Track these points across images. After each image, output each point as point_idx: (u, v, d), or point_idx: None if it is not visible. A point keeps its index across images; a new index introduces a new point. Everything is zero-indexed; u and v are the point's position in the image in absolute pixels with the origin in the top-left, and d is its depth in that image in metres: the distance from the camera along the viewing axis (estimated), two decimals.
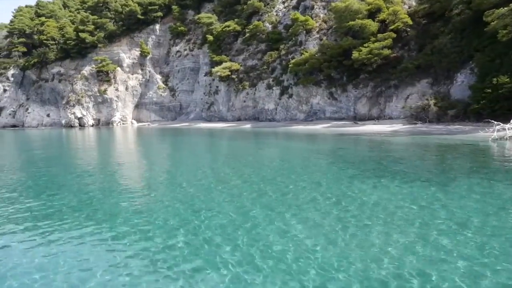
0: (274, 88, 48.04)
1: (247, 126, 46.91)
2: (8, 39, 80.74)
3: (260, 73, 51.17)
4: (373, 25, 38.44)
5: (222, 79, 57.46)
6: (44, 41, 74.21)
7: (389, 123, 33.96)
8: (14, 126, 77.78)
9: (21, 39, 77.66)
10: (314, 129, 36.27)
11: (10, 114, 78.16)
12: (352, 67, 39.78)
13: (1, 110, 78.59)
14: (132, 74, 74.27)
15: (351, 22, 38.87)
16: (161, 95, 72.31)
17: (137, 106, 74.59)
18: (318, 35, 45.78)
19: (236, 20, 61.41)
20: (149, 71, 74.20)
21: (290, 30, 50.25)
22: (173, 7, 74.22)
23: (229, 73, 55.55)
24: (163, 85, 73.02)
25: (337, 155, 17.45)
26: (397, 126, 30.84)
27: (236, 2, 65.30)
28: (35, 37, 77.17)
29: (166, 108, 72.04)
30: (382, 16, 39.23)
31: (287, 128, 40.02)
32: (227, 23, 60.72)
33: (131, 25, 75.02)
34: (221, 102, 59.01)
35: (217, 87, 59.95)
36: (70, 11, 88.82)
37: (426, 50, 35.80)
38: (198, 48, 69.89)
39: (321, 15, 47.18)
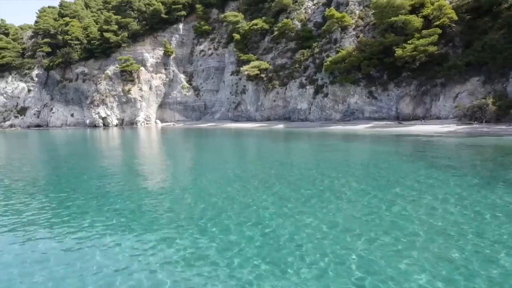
0: (307, 87, 46.73)
1: (280, 126, 45.72)
2: (33, 40, 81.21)
3: (292, 72, 49.90)
4: (417, 21, 36.84)
5: (250, 78, 56.43)
6: (69, 41, 74.32)
7: (439, 123, 32.35)
8: (38, 126, 78.23)
9: (45, 39, 77.98)
10: (356, 130, 34.85)
11: (34, 114, 78.63)
12: (393, 65, 38.28)
13: (25, 110, 79.16)
14: (156, 74, 73.86)
15: (394, 18, 37.37)
16: (185, 94, 71.69)
17: (161, 106, 74.13)
18: (354, 32, 44.33)
19: (263, 18, 60.32)
20: (173, 71, 73.67)
21: (323, 28, 48.93)
22: (197, 6, 73.59)
23: (258, 72, 54.48)
24: (187, 85, 72.40)
25: (432, 159, 15.49)
26: (452, 127, 29.24)
27: (262, 0, 64.24)
28: (59, 37, 77.40)
29: (191, 108, 71.39)
30: (426, 11, 37.60)
31: (325, 128, 38.66)
32: (254, 21, 59.66)
33: (155, 25, 74.60)
34: (249, 101, 57.98)
35: (244, 86, 58.92)
36: (91, 11, 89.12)
37: (476, 47, 34.03)
38: (223, 47, 69.07)
39: (357, 12, 45.70)
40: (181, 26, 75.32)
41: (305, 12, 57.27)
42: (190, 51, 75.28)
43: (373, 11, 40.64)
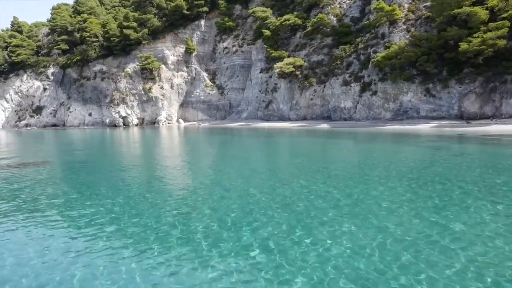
0: (352, 84, 44.16)
1: (324, 125, 43.10)
2: (49, 37, 78.52)
3: (333, 68, 47.34)
4: (483, 13, 34.30)
5: (282, 75, 53.86)
6: (87, 38, 71.55)
7: None
8: (54, 125, 75.54)
9: (63, 37, 75.32)
10: (420, 129, 32.30)
11: (51, 113, 75.91)
12: (454, 60, 35.82)
13: (41, 109, 76.46)
14: (177, 72, 71.27)
15: (457, 10, 34.85)
16: (208, 93, 69.02)
17: (183, 105, 71.51)
18: (405, 27, 41.81)
19: (295, 13, 57.82)
20: (195, 69, 71.04)
21: (365, 22, 46.62)
22: (220, 1, 71.09)
23: (293, 69, 51.94)
24: (210, 83, 69.74)
25: None
26: None
27: None
28: (77, 34, 74.71)
29: (214, 106, 68.73)
30: (491, 2, 35.06)
31: (380, 128, 36.08)
32: (286, 17, 57.17)
33: (175, 21, 72.01)
34: (281, 100, 55.40)
35: (275, 84, 56.32)
36: (106, 9, 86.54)
37: None
38: (248, 44, 66.50)
39: (405, 5, 43.19)
40: (202, 22, 72.75)
41: (340, 7, 54.86)
42: (212, 48, 72.68)
43: (430, 3, 38.13)
